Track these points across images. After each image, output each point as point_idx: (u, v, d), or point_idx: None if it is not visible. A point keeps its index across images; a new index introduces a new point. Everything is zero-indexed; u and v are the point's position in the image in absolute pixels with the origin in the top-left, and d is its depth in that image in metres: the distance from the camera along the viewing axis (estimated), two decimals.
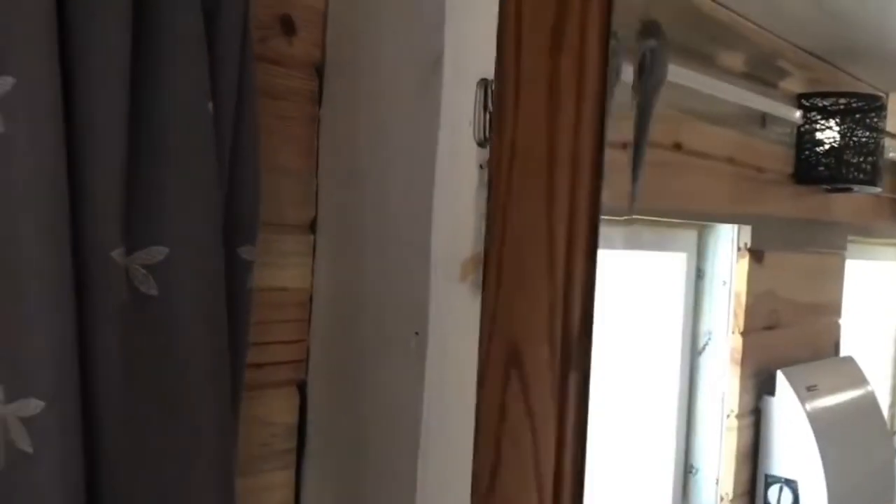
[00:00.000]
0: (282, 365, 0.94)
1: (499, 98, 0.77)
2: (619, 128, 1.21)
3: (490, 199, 0.79)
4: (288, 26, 0.92)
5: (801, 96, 2.06)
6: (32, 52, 0.57)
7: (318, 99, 0.95)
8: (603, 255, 0.74)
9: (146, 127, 0.66)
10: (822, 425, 1.99)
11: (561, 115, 0.74)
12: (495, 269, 0.79)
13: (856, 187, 2.09)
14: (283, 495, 0.94)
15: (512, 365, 0.76)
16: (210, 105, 0.69)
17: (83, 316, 0.62)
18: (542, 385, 0.74)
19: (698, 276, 1.98)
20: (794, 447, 1.98)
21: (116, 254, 0.64)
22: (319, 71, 0.95)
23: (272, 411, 0.93)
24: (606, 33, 0.72)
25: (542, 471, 0.74)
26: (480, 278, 0.81)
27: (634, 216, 1.39)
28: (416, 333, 0.85)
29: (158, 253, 0.67)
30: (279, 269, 0.92)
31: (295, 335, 0.95)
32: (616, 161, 1.14)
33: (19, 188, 0.58)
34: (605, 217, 0.76)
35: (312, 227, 0.95)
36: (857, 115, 2.05)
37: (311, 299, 0.95)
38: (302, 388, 0.95)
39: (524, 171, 0.77)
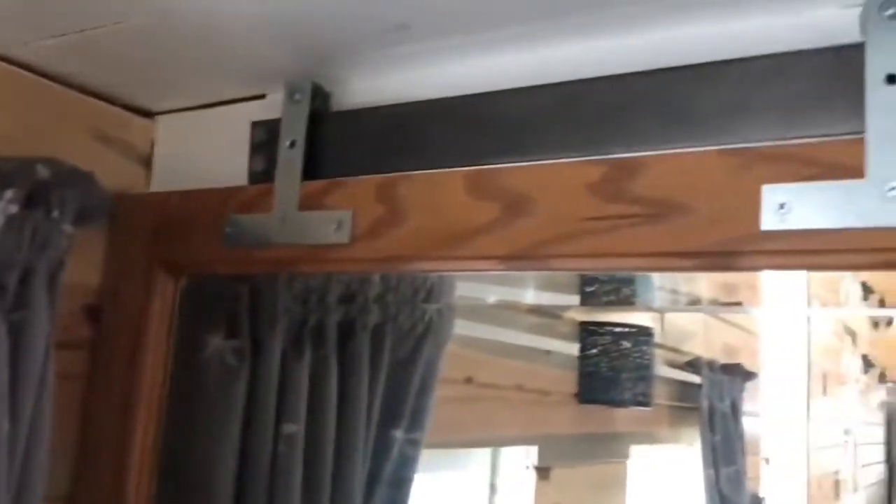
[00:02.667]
0: None
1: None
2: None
3: None
4: (93, 313, 0.98)
5: (582, 324, 2.30)
6: None
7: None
8: None
9: None
10: None
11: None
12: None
13: (631, 407, 2.31)
14: None
15: None
16: (6, 422, 0.74)
17: None
18: None
19: (492, 491, 2.09)
20: None
21: None
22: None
23: None
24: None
25: None
26: None
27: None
28: None
29: None
30: None
31: None
32: None
33: None
34: None
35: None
36: (630, 342, 2.30)
37: None
38: None
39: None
